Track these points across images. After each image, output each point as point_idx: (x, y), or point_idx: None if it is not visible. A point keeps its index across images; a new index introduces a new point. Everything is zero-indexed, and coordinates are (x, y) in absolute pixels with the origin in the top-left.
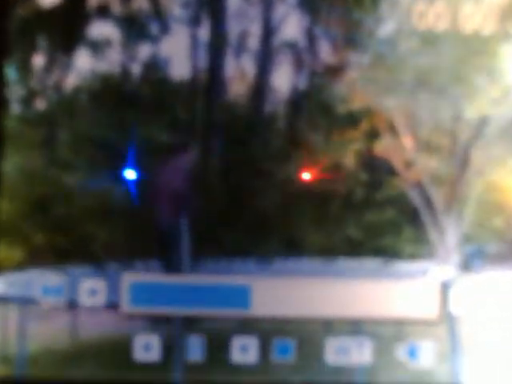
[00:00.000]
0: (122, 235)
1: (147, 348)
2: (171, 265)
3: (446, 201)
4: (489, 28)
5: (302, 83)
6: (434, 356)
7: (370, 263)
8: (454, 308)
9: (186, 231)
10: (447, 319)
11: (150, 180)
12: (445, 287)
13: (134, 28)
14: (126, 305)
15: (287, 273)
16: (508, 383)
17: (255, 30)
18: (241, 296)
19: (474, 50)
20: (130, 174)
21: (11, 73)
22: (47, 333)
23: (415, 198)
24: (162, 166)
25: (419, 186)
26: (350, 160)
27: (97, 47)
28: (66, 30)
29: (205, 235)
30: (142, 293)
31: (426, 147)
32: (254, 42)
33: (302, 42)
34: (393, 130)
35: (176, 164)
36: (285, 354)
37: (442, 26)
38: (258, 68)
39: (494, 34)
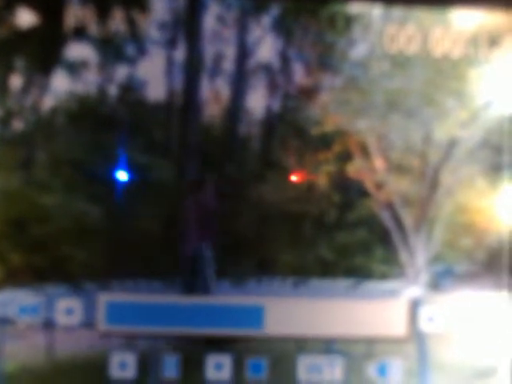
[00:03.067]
0: (98, 255)
1: (123, 366)
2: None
3: (415, 221)
4: (458, 52)
5: (276, 105)
6: (403, 373)
7: (342, 283)
8: (423, 326)
9: (209, 255)
10: (416, 337)
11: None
12: (414, 306)
13: (111, 50)
14: (102, 323)
15: (260, 293)
16: None
17: (230, 53)
18: (250, 316)
19: (443, 73)
20: (108, 194)
21: None
22: (24, 351)
23: (386, 218)
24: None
25: (390, 206)
26: (322, 181)
27: (74, 68)
28: (44, 51)
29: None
30: (118, 312)
31: (397, 169)
32: (229, 64)
33: (276, 64)
34: (365, 151)
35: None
36: (258, 372)
37: (412, 49)
38: (233, 90)
39: (463, 58)
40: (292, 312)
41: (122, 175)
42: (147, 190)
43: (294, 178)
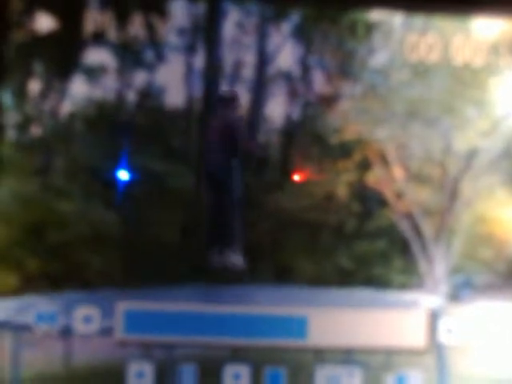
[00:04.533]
0: (116, 262)
1: (140, 375)
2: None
3: (435, 232)
4: (479, 61)
5: (296, 113)
6: None
7: (361, 293)
8: (442, 338)
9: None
10: (436, 349)
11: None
12: (433, 317)
13: (130, 55)
14: (120, 332)
15: (280, 302)
16: None
17: (250, 60)
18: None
19: (464, 82)
20: (125, 200)
21: (7, 99)
22: (41, 359)
23: (405, 228)
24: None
25: (409, 216)
26: (342, 190)
27: (92, 74)
28: (62, 56)
29: (199, 263)
30: (136, 320)
31: (417, 178)
32: (248, 71)
33: (295, 71)
34: (384, 160)
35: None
36: (276, 383)
37: (433, 58)
38: (252, 97)
39: (484, 67)
40: (336, 322)
41: (138, 181)
42: (165, 196)
43: (296, 177)
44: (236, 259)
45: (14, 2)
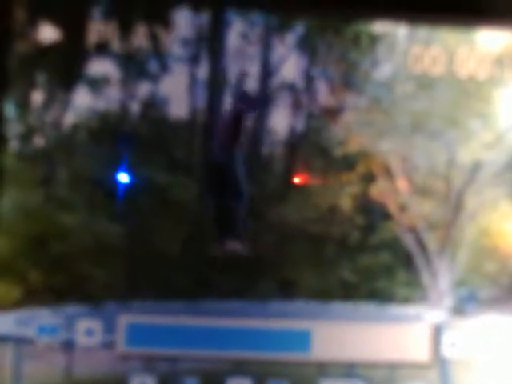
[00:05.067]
0: (119, 275)
1: None
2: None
3: (439, 245)
4: (484, 73)
5: (299, 125)
6: None
7: (364, 307)
8: (446, 352)
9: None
10: (440, 363)
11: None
12: (437, 331)
13: (133, 66)
14: (122, 345)
15: (283, 316)
16: None
17: (254, 71)
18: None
19: (468, 94)
20: (128, 212)
21: (9, 109)
22: (42, 372)
23: (409, 241)
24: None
25: (413, 229)
26: (345, 203)
27: (95, 85)
28: (66, 67)
29: (202, 277)
30: (138, 333)
31: (421, 191)
32: (252, 82)
33: (299, 83)
34: (388, 173)
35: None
36: None
37: (437, 70)
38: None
39: (489, 79)
40: (341, 336)
41: (141, 192)
42: (168, 208)
43: (296, 180)
44: (236, 246)
45: (17, 12)
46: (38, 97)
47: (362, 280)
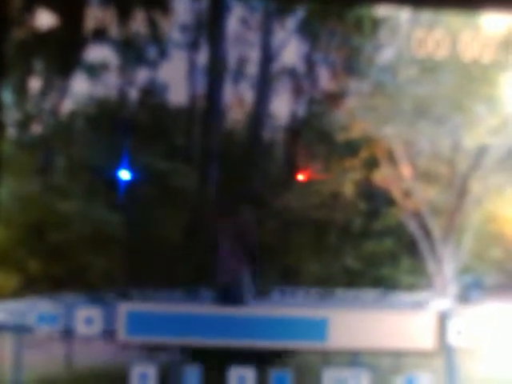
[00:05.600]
0: (118, 263)
1: (143, 378)
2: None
3: (443, 231)
4: (488, 56)
5: (301, 110)
6: None
7: (368, 294)
8: (451, 340)
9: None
10: (445, 351)
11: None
12: (442, 318)
13: (132, 52)
14: (122, 334)
15: (285, 304)
16: None
17: (254, 56)
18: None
19: (473, 78)
20: (128, 200)
21: (7, 96)
22: (42, 362)
23: (413, 227)
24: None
25: (418, 215)
26: (348, 189)
27: (93, 71)
28: (63, 54)
29: (203, 265)
30: (139, 322)
31: (425, 177)
32: (252, 68)
33: (300, 68)
34: (392, 158)
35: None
36: None
37: (441, 54)
38: (257, 94)
39: (494, 63)
40: (357, 324)
41: (140, 180)
42: (168, 196)
43: (300, 176)
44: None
45: None
46: (35, 84)
47: (366, 267)
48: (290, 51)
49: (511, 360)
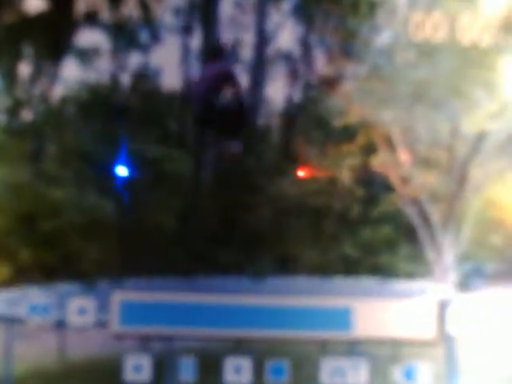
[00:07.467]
0: (111, 251)
1: (138, 368)
2: None
3: (443, 218)
4: (487, 40)
5: (297, 95)
6: (431, 377)
7: (366, 282)
8: (451, 328)
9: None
10: (445, 340)
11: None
12: (442, 307)
13: (124, 36)
14: (116, 324)
15: (282, 291)
16: None
17: (249, 40)
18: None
19: (472, 62)
20: (120, 187)
21: None
22: (34, 353)
23: (412, 214)
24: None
25: (416, 202)
26: (345, 175)
27: (85, 56)
28: (53, 38)
29: (198, 252)
30: (132, 311)
31: (424, 162)
32: (247, 51)
33: (296, 52)
34: (390, 144)
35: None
36: (279, 376)
37: (439, 37)
38: (252, 79)
39: (493, 47)
40: (381, 313)
41: (133, 168)
42: (162, 182)
43: (301, 173)
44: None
45: None
46: (25, 69)
47: (364, 254)
48: (286, 35)
49: (511, 346)
